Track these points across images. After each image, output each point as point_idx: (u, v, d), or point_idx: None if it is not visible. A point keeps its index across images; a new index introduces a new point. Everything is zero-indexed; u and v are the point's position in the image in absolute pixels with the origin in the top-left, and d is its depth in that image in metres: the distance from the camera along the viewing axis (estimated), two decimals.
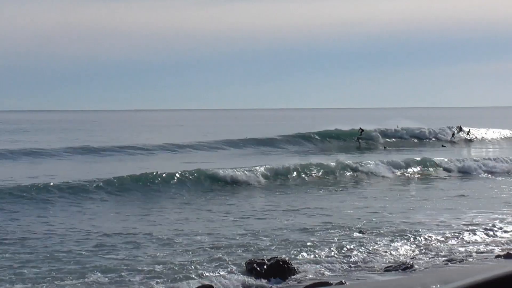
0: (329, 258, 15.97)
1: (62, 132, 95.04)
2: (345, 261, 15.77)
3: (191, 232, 19.53)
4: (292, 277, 14.43)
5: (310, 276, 14.38)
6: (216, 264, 15.41)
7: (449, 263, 15.44)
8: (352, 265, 15.42)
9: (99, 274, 14.54)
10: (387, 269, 14.95)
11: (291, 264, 14.86)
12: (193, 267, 15.14)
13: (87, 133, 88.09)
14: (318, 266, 15.27)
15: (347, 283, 13.67)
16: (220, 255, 16.25)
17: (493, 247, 17.32)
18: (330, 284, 13.55)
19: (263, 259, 14.99)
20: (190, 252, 16.73)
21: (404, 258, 15.99)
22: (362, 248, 17.17)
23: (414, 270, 14.80)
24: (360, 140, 57.71)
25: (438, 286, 11.86)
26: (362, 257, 16.19)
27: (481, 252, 16.76)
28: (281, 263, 14.73)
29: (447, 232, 19.33)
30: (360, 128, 58.24)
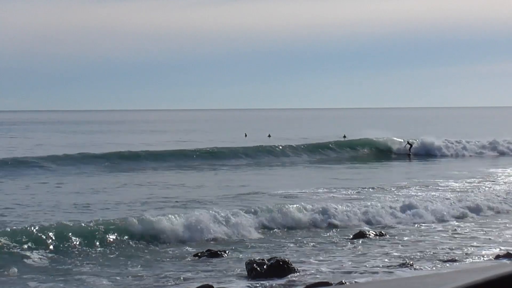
0: (328, 259, 15.98)
1: (150, 133, 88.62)
2: (345, 261, 15.77)
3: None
4: (292, 276, 14.41)
5: (310, 276, 14.37)
6: (216, 264, 15.44)
7: (449, 263, 15.44)
8: (352, 266, 15.40)
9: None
10: (387, 269, 14.96)
11: (291, 264, 14.83)
12: (192, 266, 15.17)
13: (180, 134, 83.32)
14: (318, 266, 15.27)
15: (347, 283, 13.66)
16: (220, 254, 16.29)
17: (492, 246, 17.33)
18: (330, 284, 13.54)
19: (263, 259, 14.97)
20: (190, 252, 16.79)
21: (405, 258, 15.98)
22: (363, 248, 17.19)
23: (414, 270, 14.80)
24: (410, 148, 53.76)
25: (438, 286, 11.85)
26: (362, 257, 16.19)
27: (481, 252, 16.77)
28: (281, 263, 14.70)
29: (446, 232, 19.39)
30: (408, 143, 54.71)
